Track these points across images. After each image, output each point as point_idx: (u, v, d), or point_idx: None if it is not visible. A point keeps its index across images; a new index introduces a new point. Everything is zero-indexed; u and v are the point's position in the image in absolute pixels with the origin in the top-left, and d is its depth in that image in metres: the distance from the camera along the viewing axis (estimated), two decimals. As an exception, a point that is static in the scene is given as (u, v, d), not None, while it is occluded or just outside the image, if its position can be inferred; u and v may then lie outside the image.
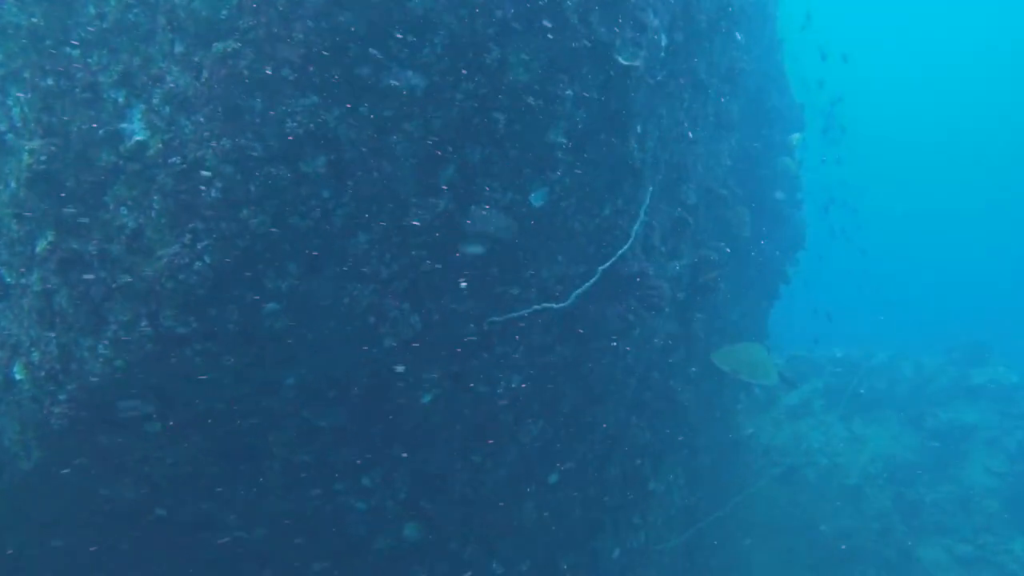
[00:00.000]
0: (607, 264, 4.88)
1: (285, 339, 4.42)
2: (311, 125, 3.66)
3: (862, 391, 16.24)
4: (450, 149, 4.18)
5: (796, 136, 10.97)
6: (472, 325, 5.25)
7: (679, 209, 6.61)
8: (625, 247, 4.87)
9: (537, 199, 4.84)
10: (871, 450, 14.85)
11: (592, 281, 4.85)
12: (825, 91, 15.31)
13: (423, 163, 4.25)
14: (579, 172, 4.91)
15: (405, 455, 5.66)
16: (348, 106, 3.80)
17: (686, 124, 6.08)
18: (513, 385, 5.97)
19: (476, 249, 4.63)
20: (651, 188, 5.87)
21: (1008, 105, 55.25)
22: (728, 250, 7.88)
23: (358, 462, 5.55)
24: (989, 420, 14.56)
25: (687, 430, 10.00)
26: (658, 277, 6.28)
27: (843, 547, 12.86)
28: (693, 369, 9.76)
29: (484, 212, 4.61)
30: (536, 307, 4.89)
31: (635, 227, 4.91)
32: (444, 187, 4.36)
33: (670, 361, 7.79)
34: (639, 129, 5.13)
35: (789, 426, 16.01)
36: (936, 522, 13.26)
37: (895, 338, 18.51)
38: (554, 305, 4.86)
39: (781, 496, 14.74)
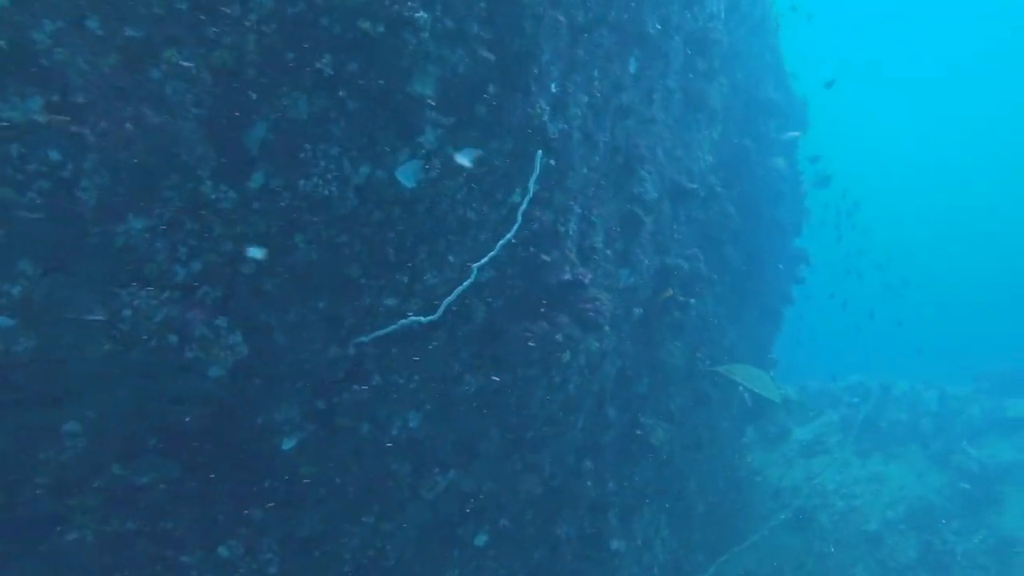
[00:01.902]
0: (484, 260, 3.59)
1: (33, 368, 3.17)
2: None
3: (882, 424, 14.59)
4: (253, 96, 2.94)
5: (793, 134, 9.64)
6: (335, 348, 3.97)
7: (631, 204, 5.32)
8: (509, 235, 3.57)
9: (407, 177, 3.57)
10: (893, 491, 13.18)
11: (466, 284, 3.55)
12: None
13: (220, 116, 3.01)
14: (465, 140, 3.64)
15: (266, 517, 4.35)
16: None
17: (633, 93, 4.81)
18: (411, 425, 4.67)
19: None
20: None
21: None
22: (702, 259, 6.55)
23: (208, 528, 4.26)
24: (1027, 459, 12.85)
25: (669, 474, 8.56)
26: (598, 287, 4.97)
27: (861, 607, 11.24)
28: (676, 402, 8.36)
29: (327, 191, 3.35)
30: (403, 321, 3.60)
31: (522, 207, 3.61)
32: (254, 153, 3.12)
33: (637, 393, 6.42)
34: (553, 88, 3.87)
35: (801, 464, 14.39)
36: (969, 577, 11.53)
37: (914, 366, 16.86)
38: (422, 319, 3.56)
39: (792, 544, 13.09)
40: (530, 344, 4.54)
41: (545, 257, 4.55)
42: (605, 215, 5.06)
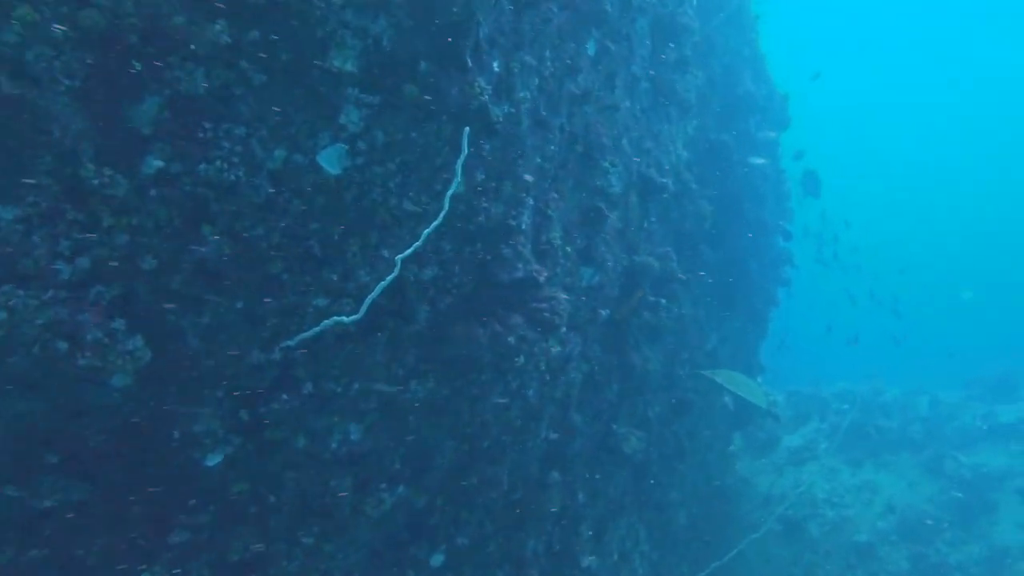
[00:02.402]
0: (408, 252, 3.24)
1: None
2: None
3: (872, 431, 14.26)
4: (138, 66, 2.59)
5: (772, 134, 9.34)
6: (258, 352, 3.61)
7: (593, 198, 4.98)
8: (435, 222, 3.23)
9: (330, 163, 3.22)
10: (884, 500, 12.83)
11: (389, 279, 3.20)
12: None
13: (99, 90, 2.66)
14: (395, 122, 3.30)
15: (192, 540, 3.97)
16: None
17: (591, 77, 4.48)
18: (353, 437, 4.31)
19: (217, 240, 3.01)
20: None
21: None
22: (675, 258, 6.22)
23: (127, 554, 3.89)
24: (1021, 465, 12.51)
25: (648, 484, 8.20)
26: (556, 286, 4.63)
27: (851, 621, 10.88)
28: (654, 409, 8.01)
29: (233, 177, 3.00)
30: (326, 323, 3.24)
31: (448, 191, 3.26)
32: (146, 133, 2.77)
33: (607, 399, 6.06)
34: (495, 66, 3.53)
35: (791, 472, 14.04)
36: (963, 589, 11.17)
37: (905, 372, 16.56)
38: (345, 319, 3.21)
39: (780, 555, 12.72)
40: (481, 347, 4.19)
41: (496, 253, 4.20)
42: (564, 209, 4.72)
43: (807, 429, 14.93)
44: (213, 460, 3.79)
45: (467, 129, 3.17)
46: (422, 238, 3.16)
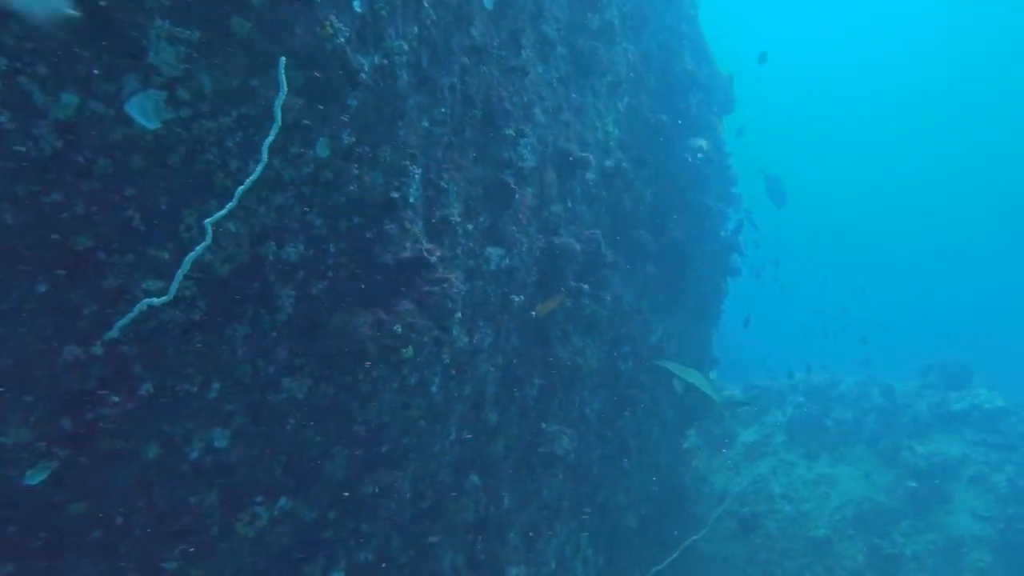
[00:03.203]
0: (221, 213, 2.69)
1: None
2: None
3: (828, 423, 14.05)
4: None
5: (714, 116, 8.97)
6: (75, 347, 3.03)
7: (500, 171, 4.49)
8: (254, 176, 2.69)
9: (143, 114, 2.66)
10: (840, 494, 12.59)
11: (200, 249, 2.65)
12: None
13: None
14: (228, 67, 2.75)
15: (19, 571, 3.36)
16: None
17: (489, 32, 3.98)
18: (218, 445, 3.73)
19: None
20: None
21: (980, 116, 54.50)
22: (602, 241, 5.76)
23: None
24: (974, 453, 12.38)
25: (588, 486, 7.73)
26: (455, 268, 4.12)
27: (808, 619, 10.58)
28: (593, 406, 7.55)
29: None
30: (138, 306, 2.68)
31: (267, 139, 2.73)
32: None
33: (529, 396, 5.57)
34: (356, 5, 3.00)
35: (747, 468, 13.74)
36: (919, 581, 10.95)
37: (862, 362, 16.43)
38: (155, 301, 2.65)
39: (737, 553, 12.39)
40: (363, 338, 3.65)
41: (378, 230, 3.68)
42: (464, 182, 4.21)
43: (764, 422, 14.67)
44: (35, 478, 3.18)
45: (282, 60, 2.63)
46: (236, 197, 2.61)
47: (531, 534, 6.40)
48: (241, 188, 2.56)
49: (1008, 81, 50.92)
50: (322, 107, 3.13)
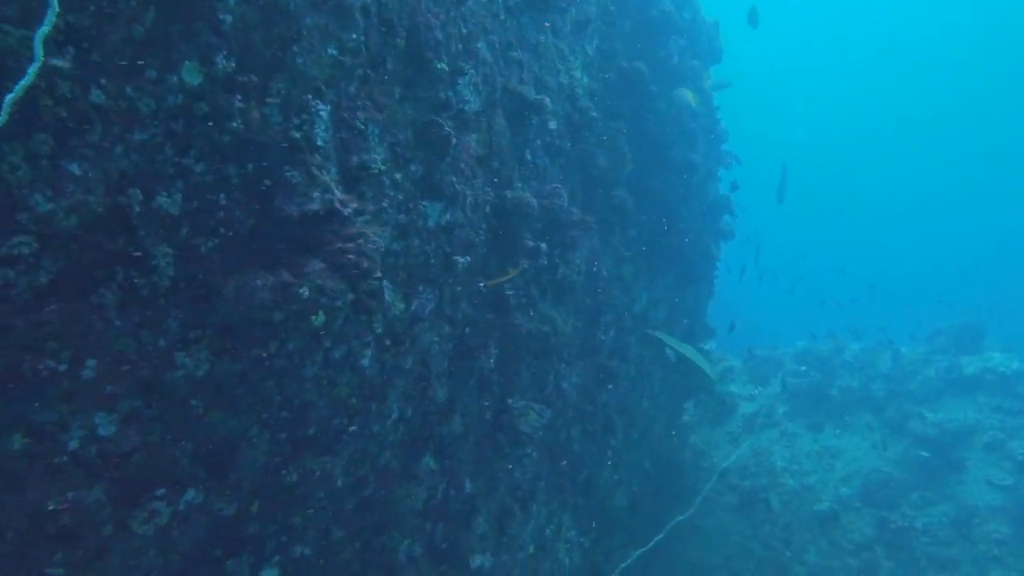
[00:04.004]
0: None
1: None
2: None
3: (833, 392, 13.49)
4: None
5: (699, 64, 8.32)
6: None
7: (437, 112, 3.92)
8: (25, 80, 2.14)
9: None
10: (846, 465, 12.08)
11: None
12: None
13: None
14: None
15: None
16: None
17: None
18: (103, 432, 3.24)
19: None
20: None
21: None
22: (565, 196, 5.19)
23: None
24: (988, 419, 11.80)
25: (568, 464, 7.24)
26: (381, 223, 3.58)
27: (813, 596, 10.13)
28: (571, 380, 7.04)
29: None
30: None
31: (39, 31, 2.18)
32: None
33: (487, 368, 5.04)
34: None
35: (748, 440, 13.23)
36: (930, 555, 10.45)
37: (867, 327, 15.81)
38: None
39: (739, 530, 11.93)
40: (263, 304, 3.13)
41: (279, 178, 3.14)
42: (387, 124, 3.65)
43: (765, 393, 14.14)
44: None
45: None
46: (4, 109, 2.07)
47: (502, 518, 5.92)
48: (10, 97, 2.01)
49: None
50: (183, 23, 2.58)
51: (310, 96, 3.17)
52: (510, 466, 5.90)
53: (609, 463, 8.37)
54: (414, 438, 4.62)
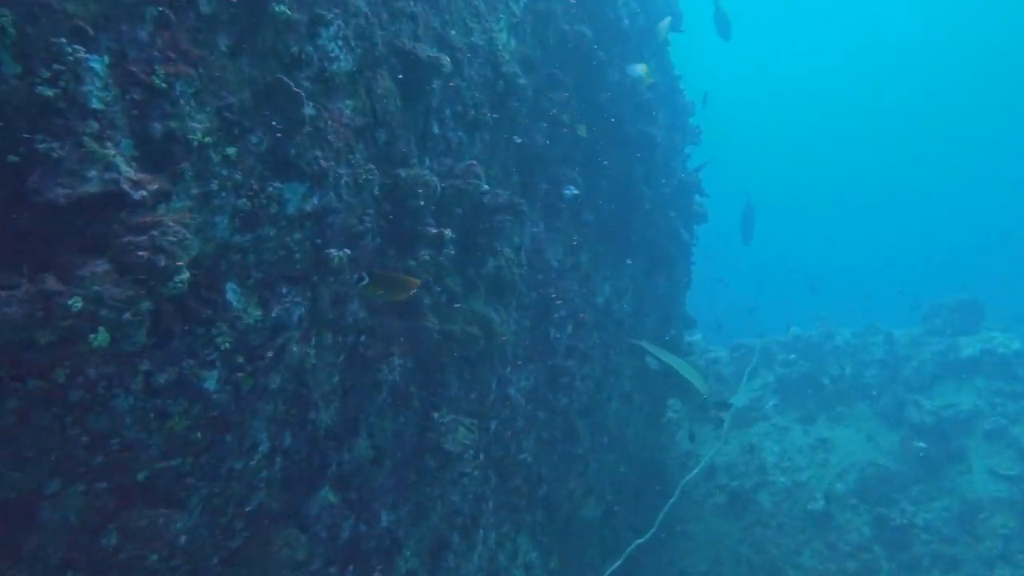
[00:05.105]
0: None
1: None
2: None
3: (825, 381, 12.73)
4: None
5: (663, 23, 7.53)
6: None
7: (289, 72, 3.13)
8: None
9: None
10: (840, 460, 11.31)
11: None
12: None
13: None
14: None
15: None
16: None
17: None
18: None
19: None
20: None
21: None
22: (482, 175, 4.40)
23: None
24: (988, 404, 11.04)
25: (521, 479, 6.46)
26: (207, 209, 2.79)
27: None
28: (519, 385, 6.25)
29: None
30: None
31: None
32: None
33: (388, 381, 4.25)
34: None
35: (736, 436, 12.47)
36: (933, 553, 9.69)
37: (857, 311, 15.06)
38: None
39: (729, 531, 11.18)
40: (16, 322, 2.33)
41: (29, 152, 2.34)
42: (209, 83, 2.86)
43: (754, 384, 13.37)
44: None
45: None
46: None
47: (436, 550, 5.15)
48: None
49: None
50: None
51: (63, 40, 2.37)
52: (442, 490, 5.12)
53: (576, 473, 7.60)
54: (301, 471, 3.83)
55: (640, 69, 7.01)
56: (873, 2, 51.79)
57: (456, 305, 4.77)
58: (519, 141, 5.24)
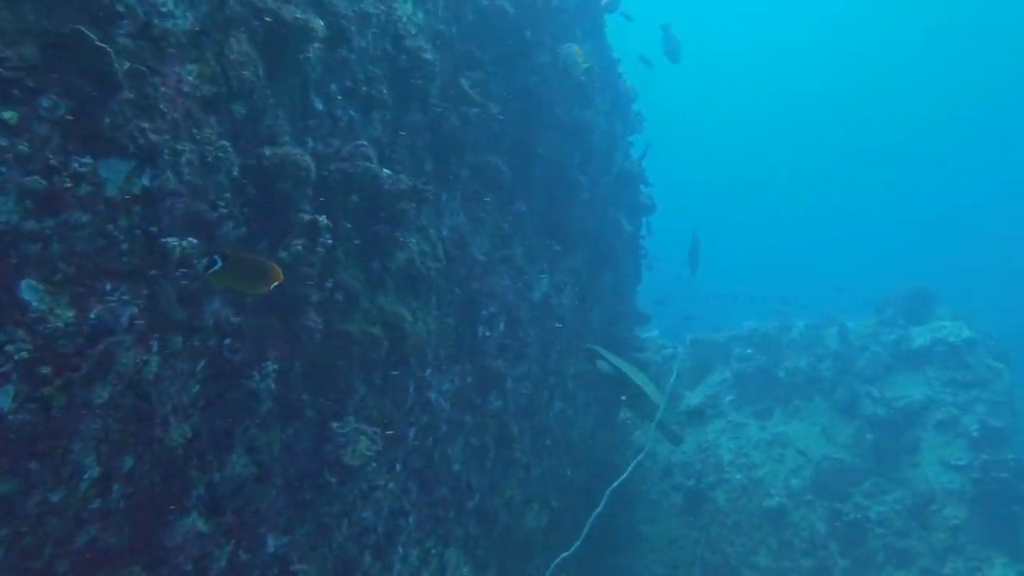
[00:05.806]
0: None
1: None
2: None
3: (781, 374, 12.50)
4: None
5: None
6: None
7: (92, 23, 2.62)
8: None
9: None
10: (796, 455, 11.07)
11: None
12: None
13: None
14: None
15: None
16: None
17: None
18: None
19: None
20: None
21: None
22: (371, 155, 3.93)
23: None
24: (940, 394, 10.89)
25: (447, 489, 5.99)
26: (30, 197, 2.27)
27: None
28: (443, 388, 5.79)
29: None
30: None
31: None
32: None
33: (267, 391, 3.75)
34: None
35: (693, 434, 12.16)
36: (886, 547, 9.49)
37: (817, 304, 14.92)
38: None
39: (685, 532, 10.85)
40: None
41: None
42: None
43: (710, 380, 13.10)
44: None
45: None
46: None
47: (342, 574, 4.65)
48: None
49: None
50: None
51: None
52: (347, 507, 4.63)
53: (515, 479, 7.16)
54: (155, 497, 3.32)
55: (573, 50, 6.60)
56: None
57: (358, 303, 4.28)
58: (421, 120, 4.77)
